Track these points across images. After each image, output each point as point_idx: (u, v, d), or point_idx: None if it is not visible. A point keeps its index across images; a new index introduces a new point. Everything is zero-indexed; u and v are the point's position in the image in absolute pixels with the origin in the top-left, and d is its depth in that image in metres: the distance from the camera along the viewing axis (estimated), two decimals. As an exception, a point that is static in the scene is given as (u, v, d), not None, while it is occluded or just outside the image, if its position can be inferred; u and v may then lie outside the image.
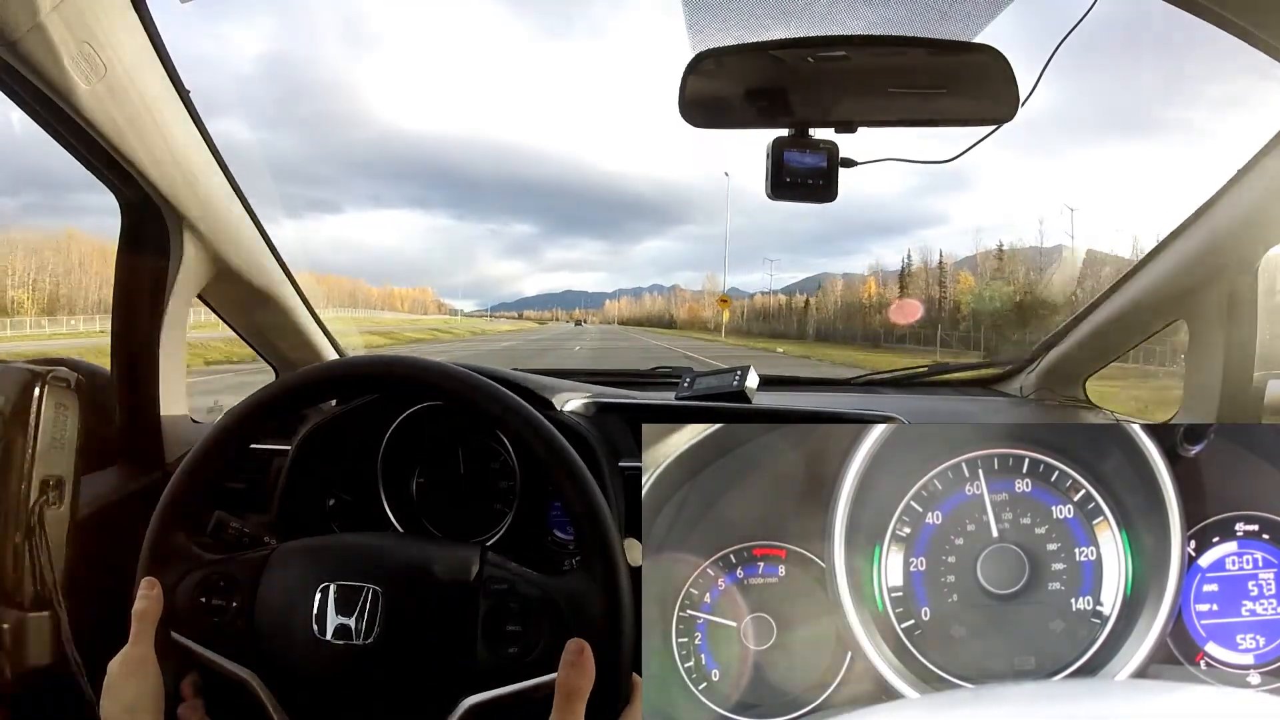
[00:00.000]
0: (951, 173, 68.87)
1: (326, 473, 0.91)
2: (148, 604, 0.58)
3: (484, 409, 0.60)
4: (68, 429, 0.73)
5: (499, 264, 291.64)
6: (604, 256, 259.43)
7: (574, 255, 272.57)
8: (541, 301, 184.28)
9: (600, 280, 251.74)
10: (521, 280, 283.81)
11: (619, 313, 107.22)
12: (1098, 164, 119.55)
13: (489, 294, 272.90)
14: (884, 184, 57.34)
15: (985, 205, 55.74)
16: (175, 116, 0.81)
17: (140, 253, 0.92)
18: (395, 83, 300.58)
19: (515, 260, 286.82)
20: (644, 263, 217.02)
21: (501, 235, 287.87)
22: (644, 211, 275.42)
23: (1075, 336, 1.19)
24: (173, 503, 0.61)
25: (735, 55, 0.73)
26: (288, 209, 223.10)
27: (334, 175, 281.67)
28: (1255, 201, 0.85)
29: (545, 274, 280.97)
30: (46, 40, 0.64)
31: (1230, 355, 0.95)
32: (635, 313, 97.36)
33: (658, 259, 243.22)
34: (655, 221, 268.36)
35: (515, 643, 0.56)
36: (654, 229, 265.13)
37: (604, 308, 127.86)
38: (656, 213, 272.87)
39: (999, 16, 0.72)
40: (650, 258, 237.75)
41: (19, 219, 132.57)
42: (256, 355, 1.24)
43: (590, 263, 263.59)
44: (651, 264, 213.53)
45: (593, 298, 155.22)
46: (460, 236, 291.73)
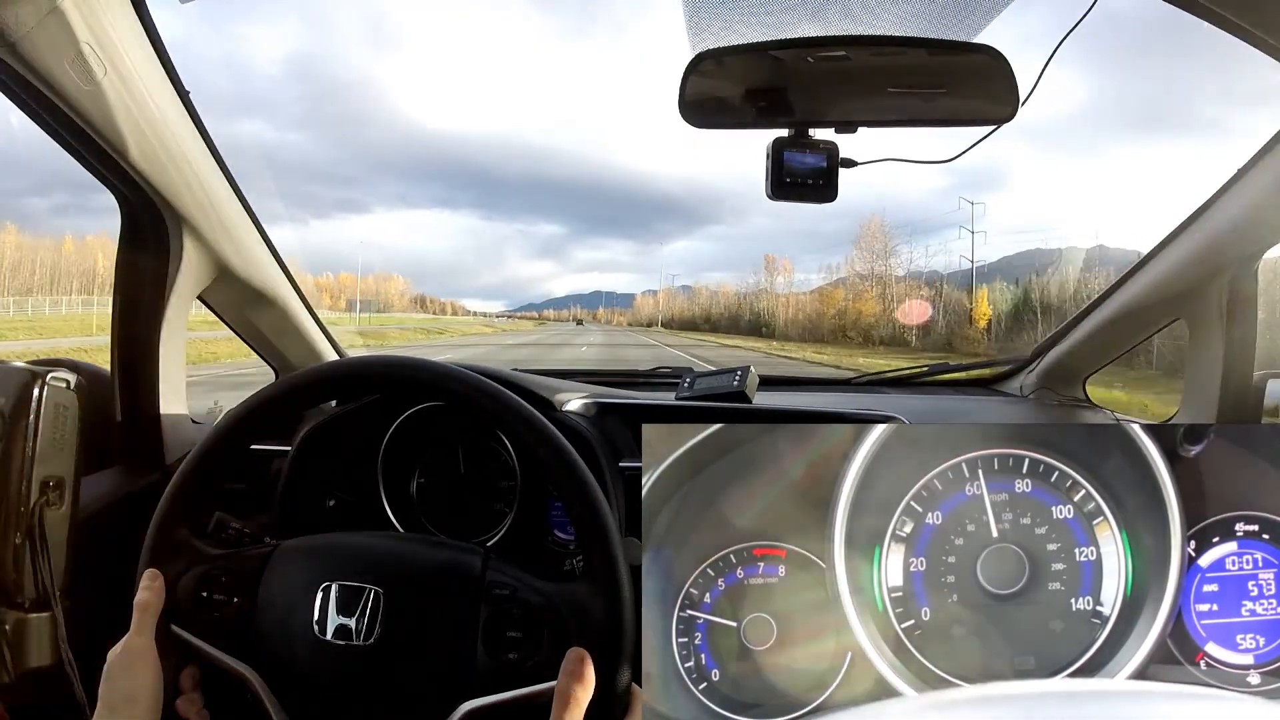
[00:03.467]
0: (986, 172, 68.34)
1: (327, 473, 0.91)
2: (149, 596, 0.58)
3: (484, 409, 0.60)
4: (68, 429, 0.73)
5: (528, 265, 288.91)
6: (632, 257, 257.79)
7: (602, 255, 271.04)
8: (571, 302, 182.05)
9: (630, 281, 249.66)
10: (550, 281, 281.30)
11: (653, 311, 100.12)
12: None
13: (518, 295, 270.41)
14: (914, 183, 56.33)
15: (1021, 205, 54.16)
16: (175, 117, 0.81)
17: (140, 253, 0.92)
18: (422, 83, 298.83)
19: (544, 261, 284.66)
20: (672, 262, 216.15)
21: (530, 236, 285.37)
22: (672, 211, 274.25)
23: (1075, 336, 1.19)
24: (174, 500, 0.61)
25: (735, 55, 0.73)
26: (314, 209, 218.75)
27: (361, 175, 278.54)
28: (1255, 201, 0.85)
29: (574, 275, 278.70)
30: (46, 40, 0.64)
31: (1230, 355, 0.95)
32: (668, 312, 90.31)
33: (684, 259, 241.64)
34: (683, 221, 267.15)
35: (516, 649, 0.56)
36: (682, 229, 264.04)
37: (634, 306, 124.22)
38: (685, 212, 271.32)
39: (999, 16, 0.72)
40: (677, 257, 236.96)
41: (49, 220, 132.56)
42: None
43: (619, 263, 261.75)
44: (679, 264, 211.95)
45: (622, 298, 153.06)
46: (488, 238, 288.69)
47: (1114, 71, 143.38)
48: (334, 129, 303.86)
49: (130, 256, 0.92)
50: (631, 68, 23.54)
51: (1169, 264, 0.99)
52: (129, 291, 0.93)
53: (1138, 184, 62.99)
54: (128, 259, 0.92)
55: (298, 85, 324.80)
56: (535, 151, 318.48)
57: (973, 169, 74.19)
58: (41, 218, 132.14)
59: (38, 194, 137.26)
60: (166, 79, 0.78)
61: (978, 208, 39.03)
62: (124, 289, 0.92)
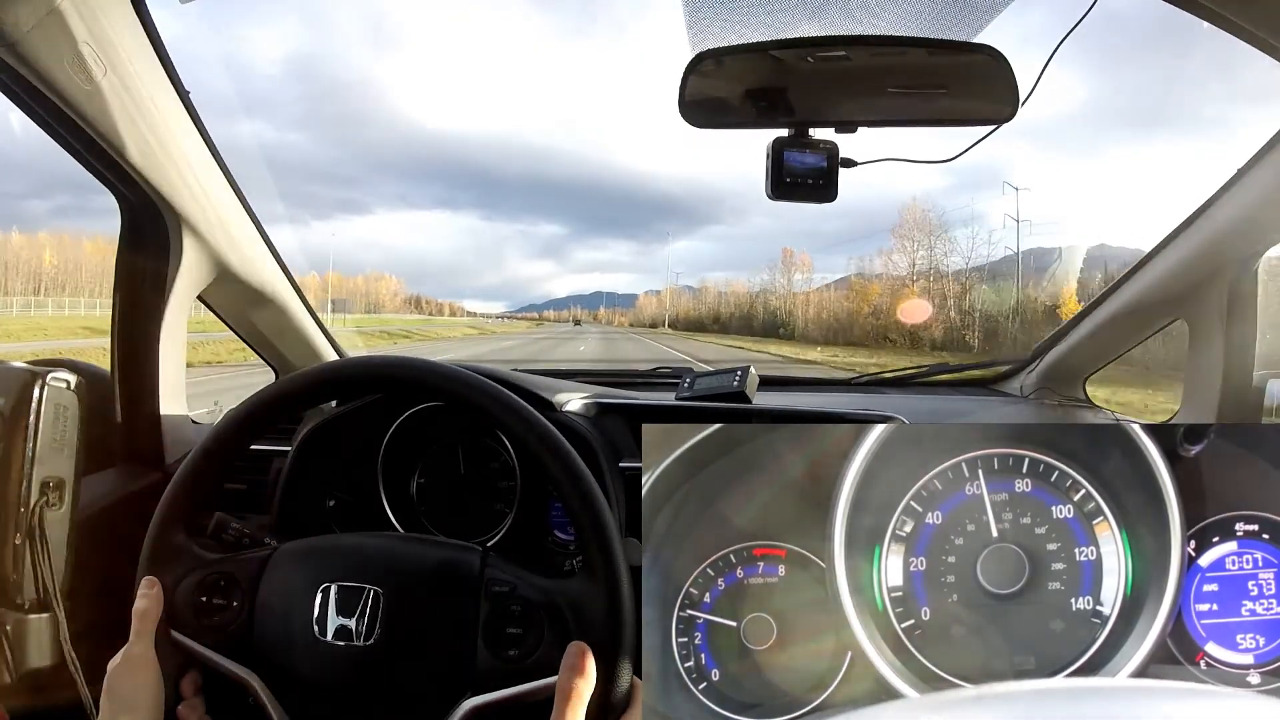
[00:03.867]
0: (985, 171, 67.58)
1: (327, 473, 0.91)
2: (148, 603, 0.58)
3: (484, 410, 0.60)
4: (68, 429, 0.73)
5: (529, 265, 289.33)
6: (633, 257, 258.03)
7: (604, 256, 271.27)
8: (572, 303, 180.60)
9: (631, 281, 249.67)
10: (551, 281, 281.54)
11: (657, 310, 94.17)
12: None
13: (519, 295, 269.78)
14: (915, 182, 55.26)
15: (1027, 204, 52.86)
16: (175, 117, 0.81)
17: (140, 253, 0.92)
18: (422, 83, 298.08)
19: (545, 261, 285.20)
20: (674, 261, 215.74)
21: (530, 236, 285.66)
22: (673, 211, 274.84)
23: (1075, 336, 1.20)
24: (173, 503, 0.61)
25: (735, 55, 0.73)
26: (315, 210, 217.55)
27: (362, 175, 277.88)
28: (1255, 201, 0.85)
29: (575, 275, 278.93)
30: (46, 40, 0.64)
31: (1230, 355, 0.95)
32: (674, 312, 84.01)
33: (685, 258, 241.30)
34: (684, 221, 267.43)
35: (516, 645, 0.56)
36: (683, 229, 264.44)
37: (636, 306, 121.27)
38: (685, 212, 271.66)
39: (999, 16, 0.72)
40: (678, 257, 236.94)
41: (49, 221, 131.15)
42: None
43: (620, 263, 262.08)
44: (680, 263, 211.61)
45: (623, 299, 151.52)
46: (489, 238, 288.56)
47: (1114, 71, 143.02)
48: (334, 129, 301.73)
49: (130, 256, 0.92)
50: (632, 68, 22.94)
51: (1169, 264, 0.99)
52: (129, 291, 0.93)
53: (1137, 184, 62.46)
54: (128, 259, 0.92)
55: (298, 85, 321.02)
56: (536, 151, 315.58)
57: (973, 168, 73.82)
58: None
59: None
60: (166, 79, 0.78)
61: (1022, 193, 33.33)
62: (124, 288, 0.93)
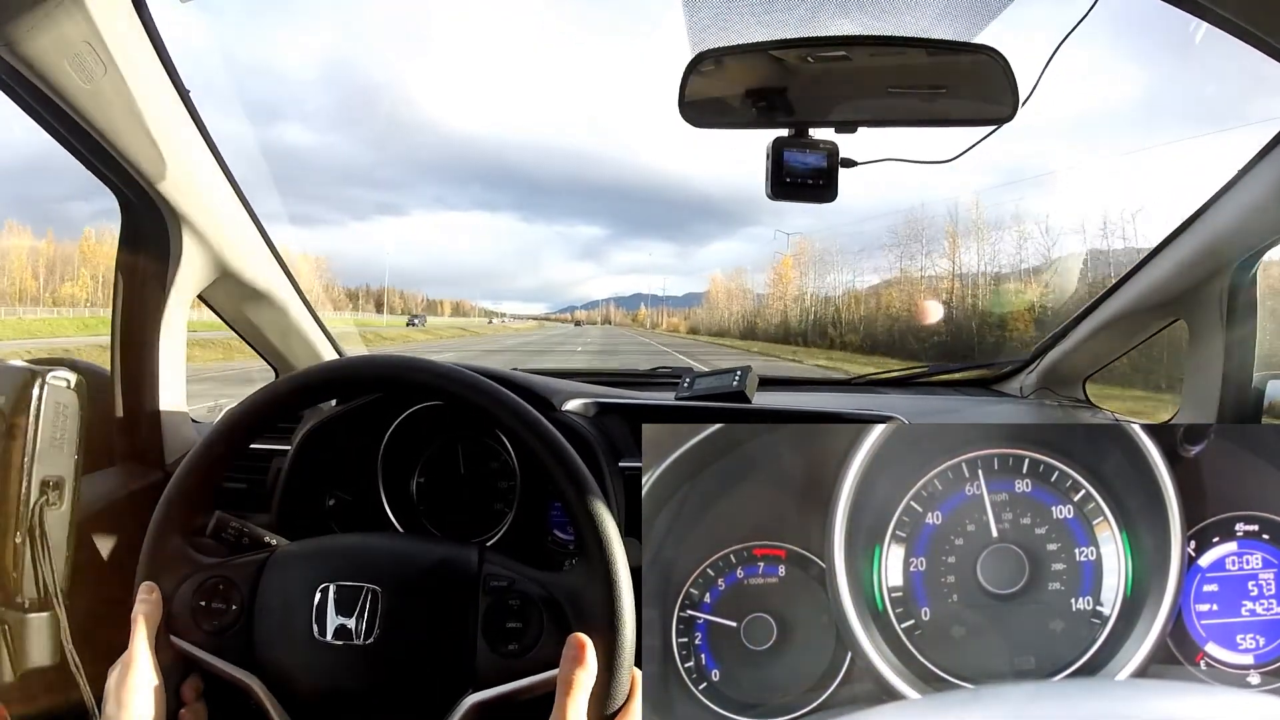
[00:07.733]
0: (1037, 171, 66.66)
1: (326, 473, 0.91)
2: (147, 608, 0.58)
3: (484, 409, 0.60)
4: (68, 429, 0.73)
5: (568, 267, 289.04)
6: (672, 259, 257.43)
7: (642, 258, 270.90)
8: (610, 304, 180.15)
9: (669, 284, 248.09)
10: (589, 283, 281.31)
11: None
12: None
13: (557, 297, 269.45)
14: (956, 183, 53.62)
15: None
16: (175, 117, 0.81)
17: (140, 253, 0.92)
18: (459, 86, 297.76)
19: (585, 263, 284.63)
20: (712, 264, 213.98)
21: (569, 238, 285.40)
22: (711, 213, 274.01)
23: (1075, 336, 1.19)
24: (171, 506, 0.61)
25: (735, 55, 0.73)
26: (354, 212, 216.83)
27: (400, 178, 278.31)
28: (1255, 201, 0.85)
29: (614, 277, 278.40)
30: (46, 40, 0.64)
31: (1230, 355, 0.95)
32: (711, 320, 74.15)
33: (724, 260, 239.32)
34: (722, 223, 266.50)
35: (516, 640, 0.56)
36: (722, 230, 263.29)
37: (707, 300, 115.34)
38: (723, 214, 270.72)
39: (999, 16, 0.72)
40: (718, 259, 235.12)
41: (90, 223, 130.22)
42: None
43: (658, 265, 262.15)
44: (718, 266, 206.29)
45: (661, 300, 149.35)
46: (528, 240, 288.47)
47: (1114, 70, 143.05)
48: (371, 132, 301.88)
49: (130, 256, 0.92)
50: (672, 68, 22.88)
51: (1169, 264, 0.99)
52: (129, 291, 0.93)
53: (1138, 183, 62.60)
54: (128, 259, 0.92)
55: (335, 90, 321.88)
56: (575, 153, 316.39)
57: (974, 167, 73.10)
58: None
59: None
60: (166, 79, 0.78)
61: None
62: (124, 288, 0.92)
